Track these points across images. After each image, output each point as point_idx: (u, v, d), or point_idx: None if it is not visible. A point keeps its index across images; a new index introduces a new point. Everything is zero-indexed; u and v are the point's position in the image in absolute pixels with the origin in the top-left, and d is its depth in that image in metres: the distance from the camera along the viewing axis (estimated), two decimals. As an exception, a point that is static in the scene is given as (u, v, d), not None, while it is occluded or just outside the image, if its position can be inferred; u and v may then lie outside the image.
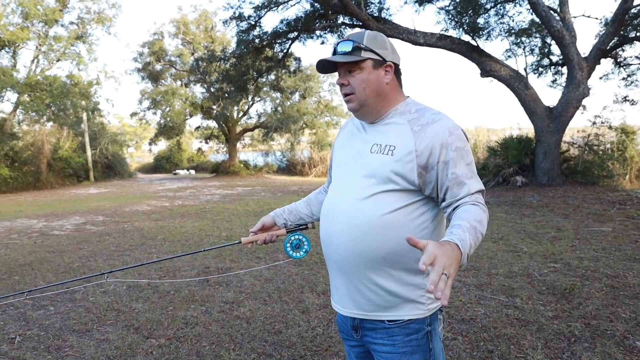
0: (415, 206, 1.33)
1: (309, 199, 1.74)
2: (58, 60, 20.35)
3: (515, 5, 11.57)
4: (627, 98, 11.52)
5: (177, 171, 31.73)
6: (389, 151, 1.33)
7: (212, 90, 23.57)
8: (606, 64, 12.37)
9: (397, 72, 1.42)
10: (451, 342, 2.92)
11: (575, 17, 10.70)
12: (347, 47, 1.35)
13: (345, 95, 1.39)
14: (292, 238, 1.56)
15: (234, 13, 13.78)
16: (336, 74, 1.41)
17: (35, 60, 19.69)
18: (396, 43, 10.09)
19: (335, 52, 1.38)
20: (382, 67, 1.36)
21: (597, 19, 11.30)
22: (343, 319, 1.50)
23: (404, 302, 1.34)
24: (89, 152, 24.13)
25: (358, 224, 1.32)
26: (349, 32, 13.35)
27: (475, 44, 10.79)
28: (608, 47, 10.17)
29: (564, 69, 11.27)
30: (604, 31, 10.36)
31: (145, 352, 2.95)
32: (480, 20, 11.24)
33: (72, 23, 20.65)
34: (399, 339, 1.36)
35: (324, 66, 1.40)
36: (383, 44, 1.37)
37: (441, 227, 1.41)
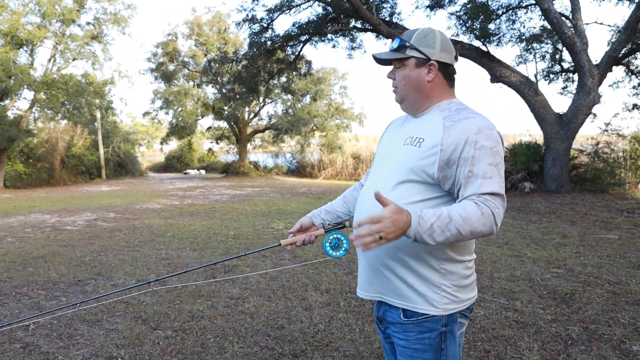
0: (436, 202, 1.34)
1: (344, 197, 1.76)
2: (74, 60, 20.72)
3: (526, 12, 11.59)
4: (637, 106, 11.44)
5: (188, 171, 32.07)
6: (418, 143, 1.37)
7: (224, 91, 23.84)
8: (618, 71, 12.29)
9: (447, 72, 1.44)
10: (449, 342, 2.98)
11: (587, 24, 10.72)
12: (395, 44, 1.45)
13: (393, 87, 1.49)
14: (331, 237, 1.56)
15: (247, 15, 13.97)
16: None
17: (52, 59, 20.07)
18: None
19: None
20: (425, 66, 1.41)
21: (609, 26, 11.28)
22: (375, 310, 1.55)
23: (418, 296, 1.36)
24: (101, 150, 24.51)
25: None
26: (360, 36, 13.45)
27: (486, 50, 10.81)
28: (620, 55, 10.13)
29: (575, 76, 11.25)
30: (616, 38, 10.33)
31: (152, 342, 3.06)
32: (492, 26, 11.27)
33: (88, 23, 21.03)
34: (412, 335, 1.39)
35: (380, 60, 1.50)
36: (431, 43, 1.40)
37: None
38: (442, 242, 1.21)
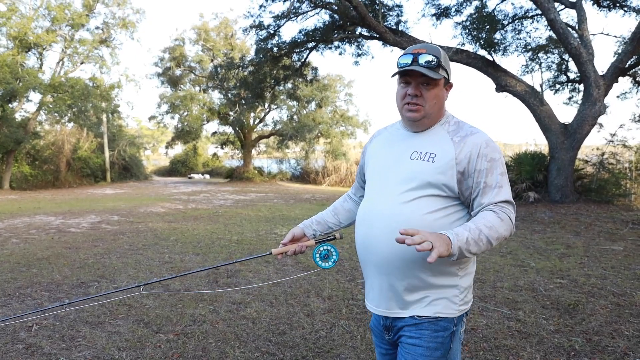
0: (452, 210, 1.42)
1: (335, 208, 1.79)
2: (82, 63, 20.93)
3: (532, 22, 11.61)
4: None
5: (192, 175, 32.18)
6: (430, 158, 1.41)
7: (230, 96, 23.97)
8: (624, 82, 12.26)
9: None
10: (451, 350, 2.97)
11: (593, 34, 10.70)
12: (433, 62, 1.38)
13: (414, 104, 1.42)
14: (321, 249, 1.60)
15: (254, 22, 14.08)
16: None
17: (60, 62, 20.28)
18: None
19: (415, 60, 1.39)
20: (447, 86, 1.48)
21: (615, 37, 11.28)
22: (376, 321, 1.56)
23: (440, 299, 1.42)
24: (107, 153, 24.66)
25: (399, 226, 1.33)
26: (366, 43, 13.51)
27: (492, 59, 10.83)
28: (626, 66, 10.12)
29: (581, 86, 11.24)
30: (622, 49, 10.32)
31: (153, 346, 3.06)
32: (497, 36, 11.30)
33: (97, 28, 21.25)
34: (426, 333, 1.42)
35: (403, 71, 1.42)
36: (449, 65, 1.48)
37: None
38: (477, 254, 1.30)
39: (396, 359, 1.53)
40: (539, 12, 10.86)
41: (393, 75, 1.45)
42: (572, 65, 11.51)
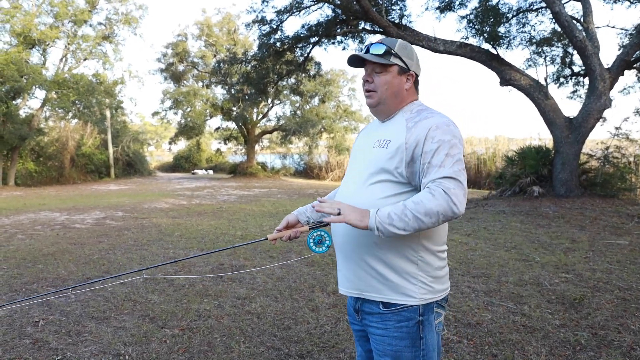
0: (406, 196, 1.43)
1: (329, 197, 1.85)
2: (85, 59, 20.94)
3: (537, 15, 11.51)
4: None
5: (196, 171, 32.23)
6: (385, 144, 1.48)
7: (233, 92, 23.92)
8: (630, 75, 12.16)
9: (416, 82, 1.59)
10: (456, 345, 2.97)
11: (598, 27, 10.58)
12: (380, 50, 1.51)
13: (367, 91, 1.55)
14: (315, 234, 1.64)
15: (257, 17, 14.01)
16: (360, 78, 1.59)
17: (64, 58, 20.29)
18: (416, 50, 10.20)
19: (367, 51, 1.53)
20: (405, 75, 1.54)
21: (621, 29, 11.16)
22: (349, 303, 1.64)
23: (395, 287, 1.45)
24: (110, 150, 24.72)
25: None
26: (369, 38, 13.45)
27: (496, 53, 10.75)
28: (632, 59, 10.02)
29: (586, 80, 11.15)
30: (628, 42, 10.22)
31: (159, 341, 3.07)
32: (501, 29, 11.20)
33: (100, 24, 21.24)
34: (390, 324, 1.47)
35: (354, 61, 1.55)
36: (410, 55, 1.55)
37: None
38: (407, 230, 1.29)
39: (367, 338, 1.62)
40: (543, 4, 10.75)
41: (349, 65, 1.59)
42: (576, 58, 11.38)
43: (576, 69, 12.02)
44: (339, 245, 1.58)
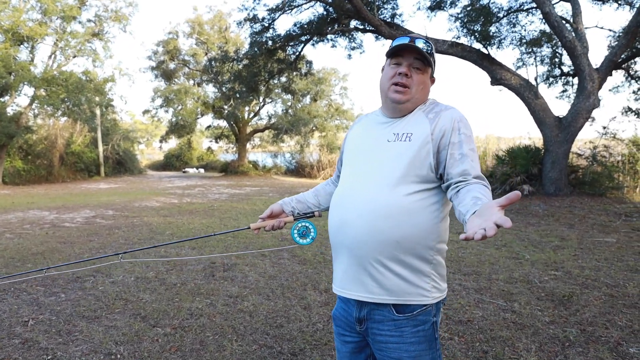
0: (430, 193, 1.40)
1: (316, 190, 1.82)
2: (74, 57, 20.68)
3: (527, 15, 11.61)
4: (632, 110, 11.47)
5: (187, 169, 32.06)
6: (407, 138, 1.42)
7: (224, 90, 23.83)
8: (618, 75, 12.32)
9: None
10: (447, 342, 2.99)
11: (588, 28, 10.72)
12: (429, 48, 1.47)
13: (402, 85, 1.44)
14: (299, 225, 1.61)
15: (248, 15, 13.98)
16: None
17: (53, 55, 20.04)
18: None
19: (412, 42, 1.44)
20: (431, 79, 1.54)
21: (610, 30, 11.31)
22: (345, 312, 1.53)
23: (411, 287, 1.39)
24: (100, 148, 24.47)
25: (378, 208, 1.38)
26: (360, 36, 13.46)
27: (486, 52, 10.84)
28: (620, 59, 10.16)
29: (575, 80, 11.28)
30: (616, 43, 10.36)
31: (151, 340, 3.06)
32: (492, 29, 11.29)
33: (89, 20, 20.99)
34: (407, 330, 1.41)
35: (400, 47, 1.45)
36: (436, 60, 1.55)
37: (447, 212, 1.47)
38: None
39: (363, 348, 1.53)
40: (534, 5, 10.86)
41: (390, 52, 1.47)
42: (566, 58, 11.52)
43: (565, 69, 12.17)
44: (347, 246, 1.44)
